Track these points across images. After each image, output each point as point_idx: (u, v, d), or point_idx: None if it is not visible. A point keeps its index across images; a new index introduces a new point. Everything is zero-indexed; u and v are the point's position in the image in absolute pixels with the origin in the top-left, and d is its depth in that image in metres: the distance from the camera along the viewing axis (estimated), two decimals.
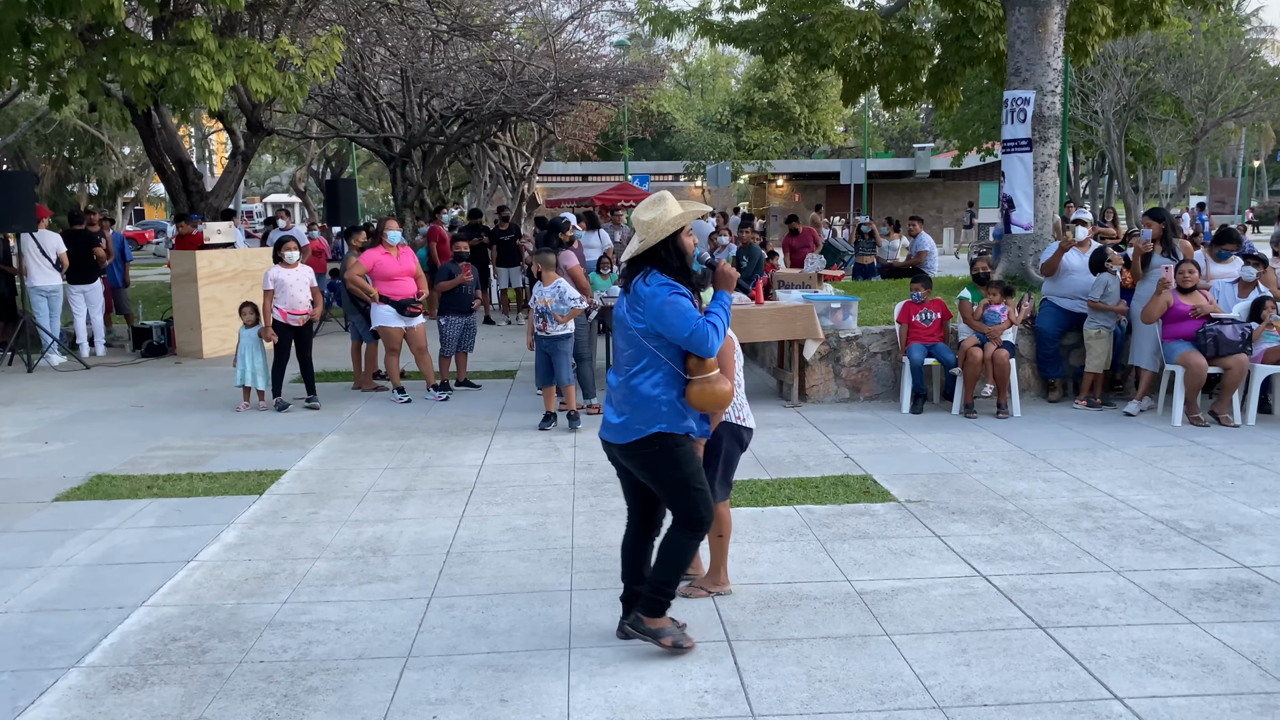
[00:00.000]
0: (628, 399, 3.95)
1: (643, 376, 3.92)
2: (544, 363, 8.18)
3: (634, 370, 3.94)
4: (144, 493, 6.43)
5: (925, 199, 41.65)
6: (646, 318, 3.87)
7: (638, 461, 3.97)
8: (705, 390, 3.91)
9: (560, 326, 8.09)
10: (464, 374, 10.08)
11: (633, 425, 3.92)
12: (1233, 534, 5.40)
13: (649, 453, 3.92)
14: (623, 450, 3.98)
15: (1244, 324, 8.07)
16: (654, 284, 3.87)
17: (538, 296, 8.17)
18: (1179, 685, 3.74)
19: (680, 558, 4.00)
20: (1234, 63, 29.08)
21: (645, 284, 3.90)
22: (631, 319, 3.94)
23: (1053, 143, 11.43)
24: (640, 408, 3.91)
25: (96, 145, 33.72)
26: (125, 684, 3.86)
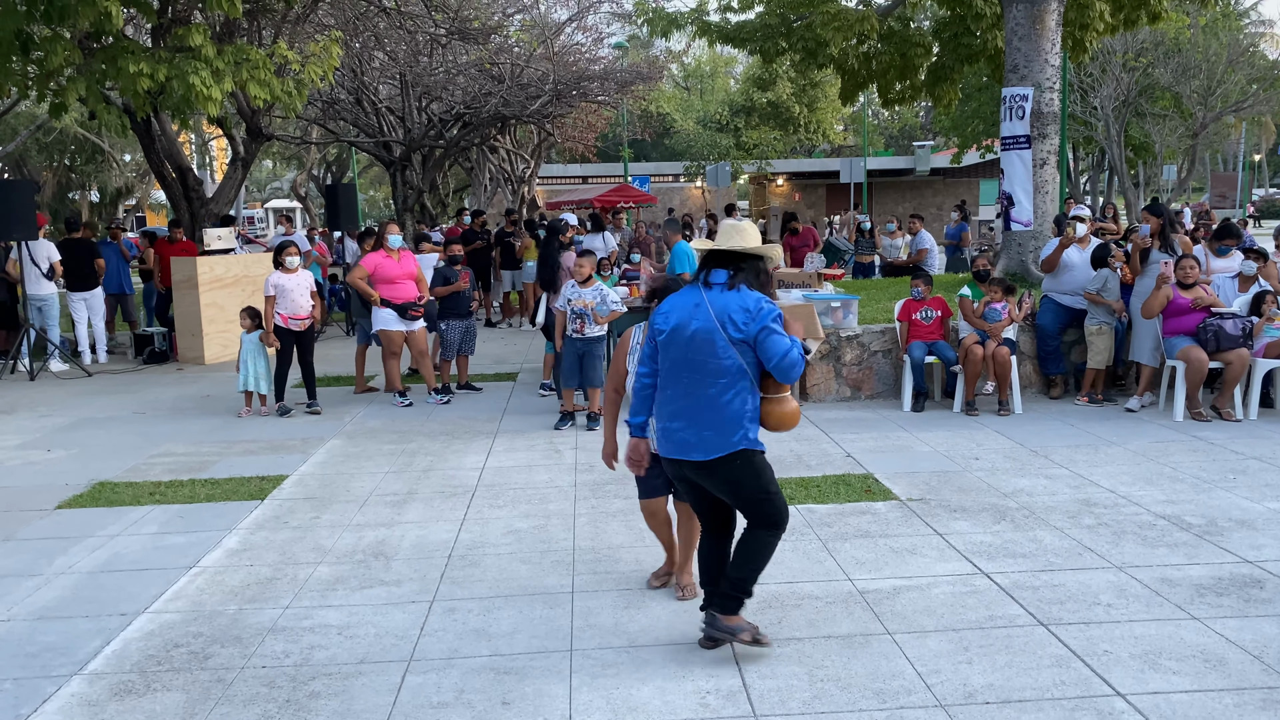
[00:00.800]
0: (710, 415, 3.85)
1: (739, 397, 3.85)
2: (575, 363, 8.15)
3: (727, 384, 3.84)
4: (146, 499, 6.44)
5: (925, 197, 41.65)
6: (753, 327, 3.81)
7: (720, 476, 3.91)
8: (784, 411, 3.96)
9: (598, 328, 8.11)
10: (465, 377, 10.08)
11: (718, 441, 3.85)
12: (1235, 529, 5.40)
13: (733, 467, 3.88)
14: (703, 466, 3.89)
15: (1245, 318, 8.06)
16: (759, 298, 3.86)
17: (575, 297, 8.11)
18: (1181, 681, 3.73)
19: (761, 556, 3.98)
20: (1233, 57, 29.03)
21: (745, 294, 3.85)
22: (732, 328, 3.80)
23: (1052, 139, 11.42)
24: (728, 423, 3.84)
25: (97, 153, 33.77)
26: (128, 691, 3.87)
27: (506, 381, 10.59)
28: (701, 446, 3.87)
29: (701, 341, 3.85)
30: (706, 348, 3.84)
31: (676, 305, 3.98)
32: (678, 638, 4.21)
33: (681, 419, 3.91)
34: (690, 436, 3.89)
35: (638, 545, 5.36)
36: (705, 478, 3.94)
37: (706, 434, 3.86)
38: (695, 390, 3.88)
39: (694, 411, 3.88)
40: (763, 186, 43.73)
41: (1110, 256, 8.69)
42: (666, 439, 3.98)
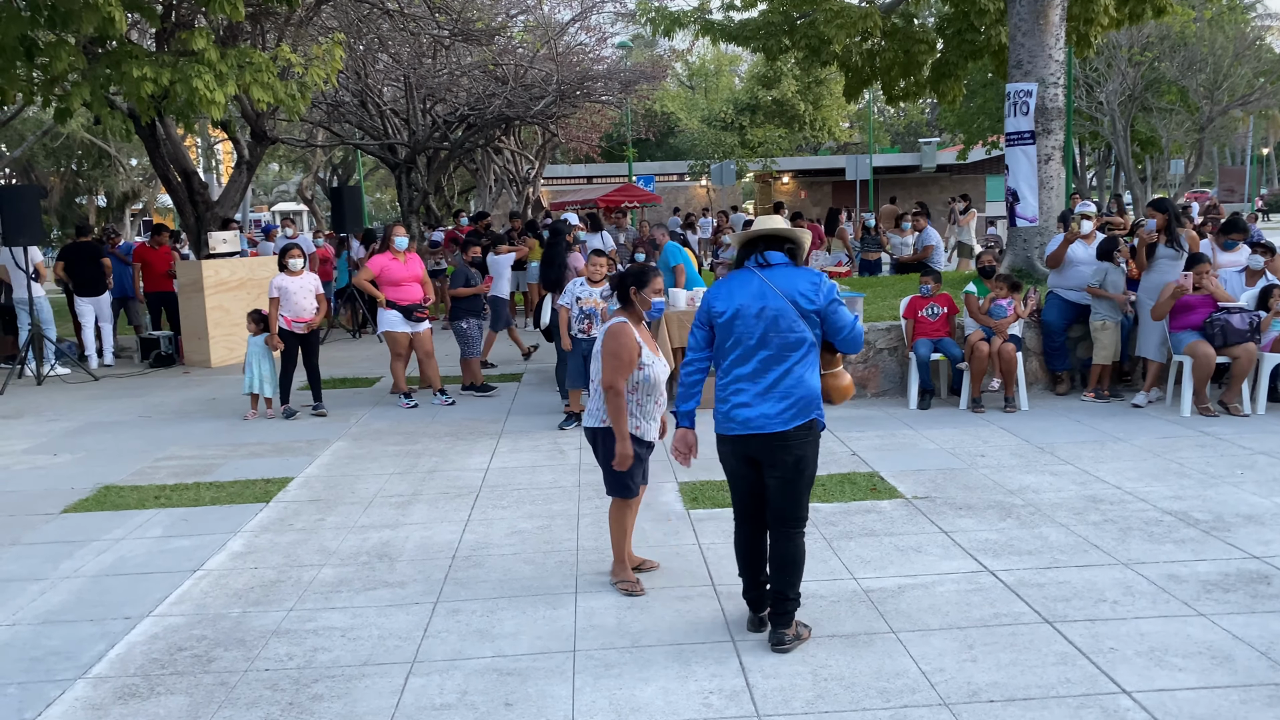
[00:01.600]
0: (788, 388, 3.97)
1: (807, 370, 4.00)
2: (580, 363, 8.03)
3: (797, 358, 3.98)
4: (151, 503, 6.45)
5: (931, 193, 41.48)
6: (820, 301, 3.98)
7: (794, 452, 4.00)
8: (843, 384, 4.28)
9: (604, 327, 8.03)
10: (470, 379, 10.09)
11: (793, 414, 3.97)
12: (1242, 524, 5.37)
13: (805, 439, 4.01)
14: (782, 439, 3.97)
15: (1252, 313, 8.02)
16: (820, 274, 4.05)
17: (584, 296, 8.00)
18: (1187, 678, 3.71)
19: (801, 562, 4.11)
20: (1239, 50, 28.89)
21: (808, 270, 4.04)
22: (800, 304, 3.95)
23: (1056, 135, 11.37)
24: (806, 399, 3.99)
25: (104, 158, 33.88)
26: (132, 694, 3.87)
27: (511, 382, 10.59)
28: (781, 418, 3.97)
29: (774, 318, 3.97)
30: (781, 323, 3.97)
31: (734, 288, 4.07)
32: (681, 638, 4.20)
33: (757, 396, 4.00)
34: (769, 409, 3.98)
35: (641, 545, 5.35)
36: (777, 452, 3.99)
37: (784, 405, 3.97)
38: (771, 366, 3.99)
39: (770, 386, 3.99)
40: (768, 184, 43.66)
41: (1116, 251, 8.65)
42: (734, 418, 4.04)
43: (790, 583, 4.07)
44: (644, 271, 4.75)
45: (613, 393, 4.53)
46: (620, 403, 4.53)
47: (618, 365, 4.54)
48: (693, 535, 5.49)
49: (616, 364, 4.54)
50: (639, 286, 4.69)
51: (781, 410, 3.97)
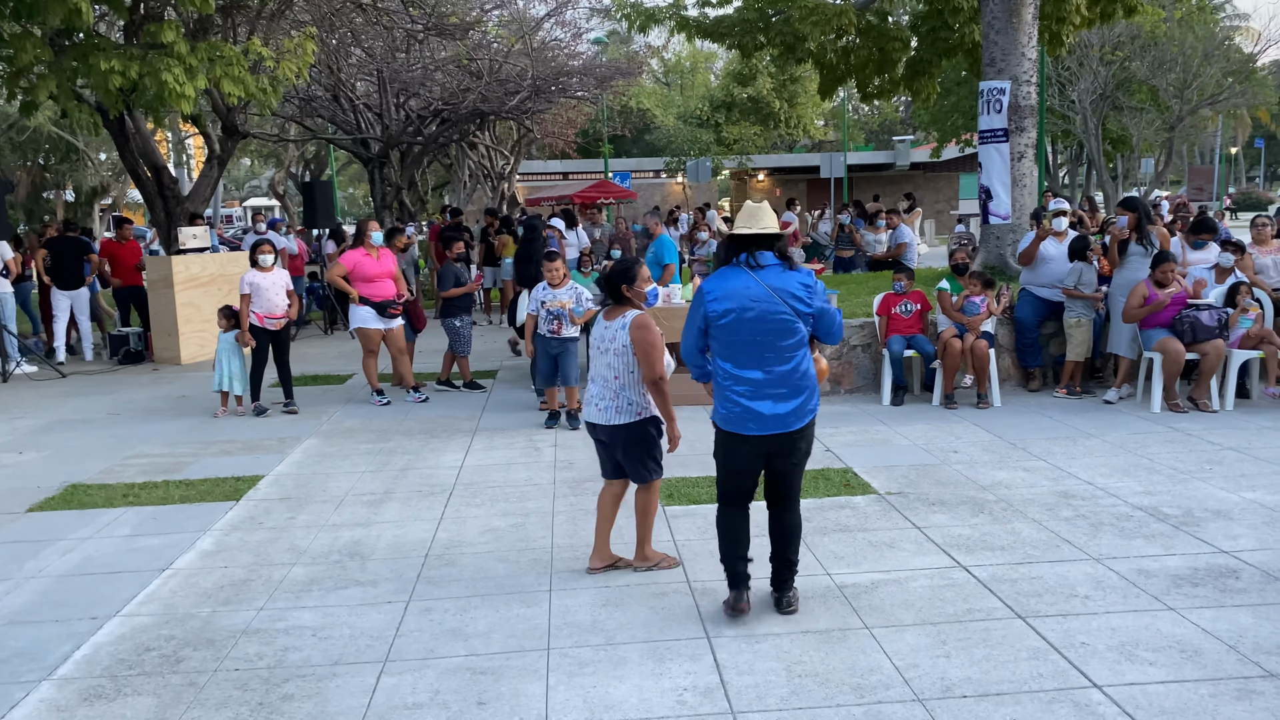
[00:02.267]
0: (797, 383, 4.17)
1: (808, 361, 4.23)
2: (549, 365, 8.02)
3: (800, 355, 4.18)
4: (119, 501, 6.37)
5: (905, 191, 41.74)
6: (815, 301, 4.17)
7: (803, 442, 4.25)
8: (822, 369, 4.50)
9: (573, 328, 7.99)
10: (447, 373, 10.05)
11: (806, 407, 4.21)
12: (1211, 519, 5.42)
13: (810, 429, 4.25)
14: (799, 434, 4.19)
15: (1220, 310, 8.11)
16: (808, 272, 4.22)
17: (549, 299, 7.93)
18: (1157, 672, 3.74)
19: (798, 534, 4.40)
20: (1209, 50, 29.20)
21: (798, 270, 4.19)
22: (796, 304, 4.11)
23: (1029, 132, 11.44)
24: (811, 389, 4.23)
25: (72, 152, 33.39)
26: (98, 696, 3.81)
27: (486, 379, 10.53)
28: (796, 415, 4.17)
29: (773, 320, 4.11)
30: (779, 325, 4.12)
31: (729, 289, 4.16)
32: (655, 635, 4.18)
33: (768, 398, 4.15)
34: (783, 408, 4.15)
35: (617, 543, 5.32)
36: (795, 443, 4.21)
37: (796, 402, 4.17)
38: (776, 365, 4.14)
39: (778, 386, 4.15)
40: (744, 182, 43.74)
41: (1089, 250, 8.71)
42: (751, 419, 4.17)
43: (794, 549, 4.37)
44: (627, 268, 4.81)
45: (662, 382, 4.66)
46: (667, 390, 4.68)
47: (655, 355, 4.65)
48: (668, 532, 5.48)
49: (654, 354, 4.65)
50: (629, 283, 4.79)
51: (795, 408, 4.17)
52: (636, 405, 4.73)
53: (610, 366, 4.74)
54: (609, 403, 4.74)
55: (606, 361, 4.75)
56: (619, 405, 4.72)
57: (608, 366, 4.74)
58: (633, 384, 4.72)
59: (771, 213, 4.25)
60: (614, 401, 4.73)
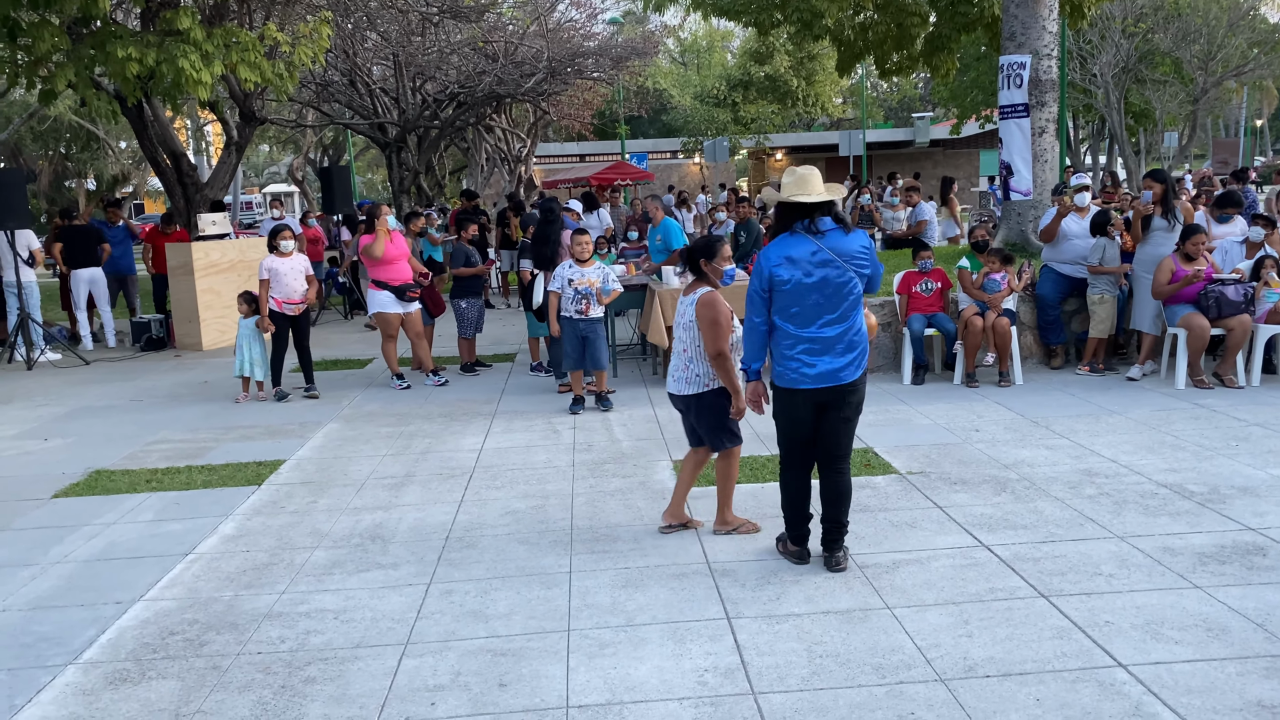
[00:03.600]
0: (851, 341, 4.45)
1: (860, 319, 4.49)
2: (577, 346, 7.92)
3: (857, 313, 4.46)
4: (142, 487, 6.42)
5: (925, 168, 41.33)
6: (870, 260, 4.44)
7: (858, 395, 4.52)
8: (873, 323, 4.83)
9: (600, 308, 7.93)
10: (473, 356, 10.08)
11: (860, 361, 4.48)
12: (1237, 496, 5.35)
13: (862, 383, 4.53)
14: (852, 388, 4.47)
15: (1247, 284, 7.99)
16: (865, 234, 4.49)
17: (576, 278, 7.86)
18: (1183, 650, 3.70)
19: (848, 494, 4.61)
20: (1233, 21, 28.73)
21: (856, 234, 4.45)
22: (857, 266, 4.40)
23: (1050, 107, 11.29)
24: (864, 345, 4.51)
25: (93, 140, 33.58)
26: (123, 679, 3.85)
27: (505, 362, 10.55)
28: (850, 369, 4.45)
29: (835, 283, 4.38)
30: (840, 287, 4.39)
31: (792, 255, 4.41)
32: (676, 616, 4.18)
33: (827, 353, 4.44)
34: (838, 363, 4.43)
35: (636, 524, 5.33)
36: (847, 396, 4.48)
37: (850, 357, 4.45)
38: (835, 324, 4.42)
39: (835, 343, 4.43)
40: (761, 161, 43.48)
41: (1110, 225, 8.60)
42: (808, 374, 4.45)
43: (843, 510, 4.58)
44: (711, 244, 5.04)
45: (722, 358, 4.83)
46: (729, 364, 4.85)
47: (720, 331, 4.82)
48: (687, 513, 5.46)
49: (719, 330, 4.82)
50: (709, 258, 4.96)
51: (849, 362, 4.45)
52: (704, 377, 4.98)
53: (681, 340, 5.05)
54: (681, 374, 5.05)
55: (679, 335, 5.06)
56: (688, 377, 5.02)
57: (679, 340, 5.06)
58: (700, 357, 4.97)
59: (819, 177, 4.48)
60: (685, 373, 5.03)
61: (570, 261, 7.97)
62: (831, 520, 4.60)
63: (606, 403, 8.09)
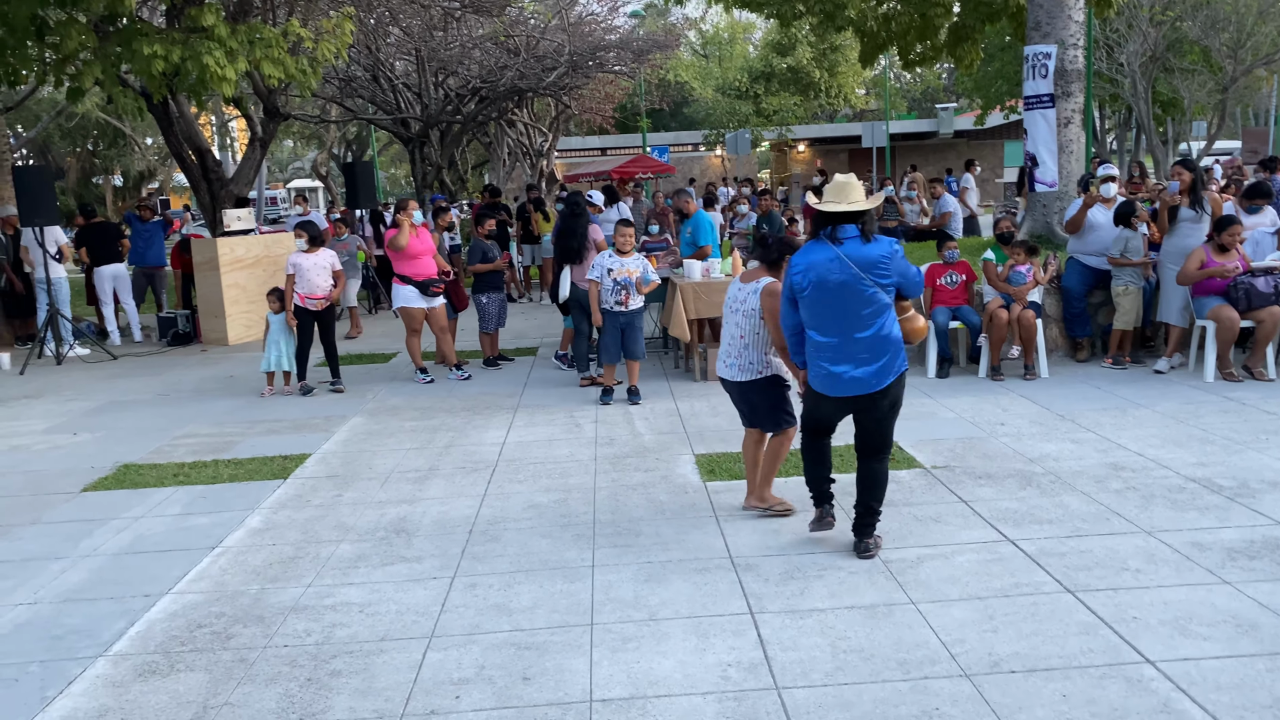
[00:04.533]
0: (880, 347, 4.48)
1: (890, 324, 4.51)
2: (617, 337, 8.02)
3: (881, 321, 4.47)
4: (170, 481, 6.48)
5: (949, 159, 41.06)
6: (894, 270, 4.46)
7: (889, 400, 4.55)
8: (917, 326, 4.76)
9: (640, 299, 8.03)
10: (496, 349, 10.12)
11: (890, 367, 4.51)
12: (1268, 491, 5.29)
13: (897, 387, 4.56)
14: (882, 393, 4.51)
15: (1277, 275, 7.88)
16: (890, 241, 4.51)
17: (616, 268, 7.95)
18: (1212, 647, 3.66)
19: (884, 483, 4.69)
20: (1264, 8, 28.27)
21: (878, 241, 4.47)
22: (876, 275, 4.42)
23: (1076, 97, 11.17)
24: (894, 351, 4.52)
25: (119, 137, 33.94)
26: (152, 672, 3.89)
27: (527, 356, 10.57)
28: (876, 378, 4.48)
29: (851, 291, 4.44)
30: (856, 295, 4.44)
31: (811, 262, 4.51)
32: (699, 611, 4.18)
33: (849, 361, 4.50)
34: (863, 372, 4.49)
35: (658, 518, 5.33)
36: (877, 402, 4.54)
37: (876, 366, 4.48)
38: (857, 331, 4.47)
39: (858, 351, 4.48)
40: (784, 153, 43.31)
41: (1134, 216, 8.50)
42: (834, 382, 4.55)
43: (876, 497, 4.65)
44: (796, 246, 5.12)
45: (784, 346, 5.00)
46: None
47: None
48: (710, 507, 5.47)
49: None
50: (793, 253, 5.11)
51: (875, 371, 4.48)
52: (757, 365, 5.16)
53: (738, 326, 5.18)
54: (734, 360, 5.21)
55: (735, 321, 5.19)
56: (741, 364, 5.18)
57: (735, 326, 5.19)
58: (756, 344, 5.14)
59: (860, 188, 4.55)
60: (738, 360, 5.19)
61: (610, 251, 8.05)
62: (864, 505, 4.67)
63: (636, 396, 8.10)
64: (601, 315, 8.02)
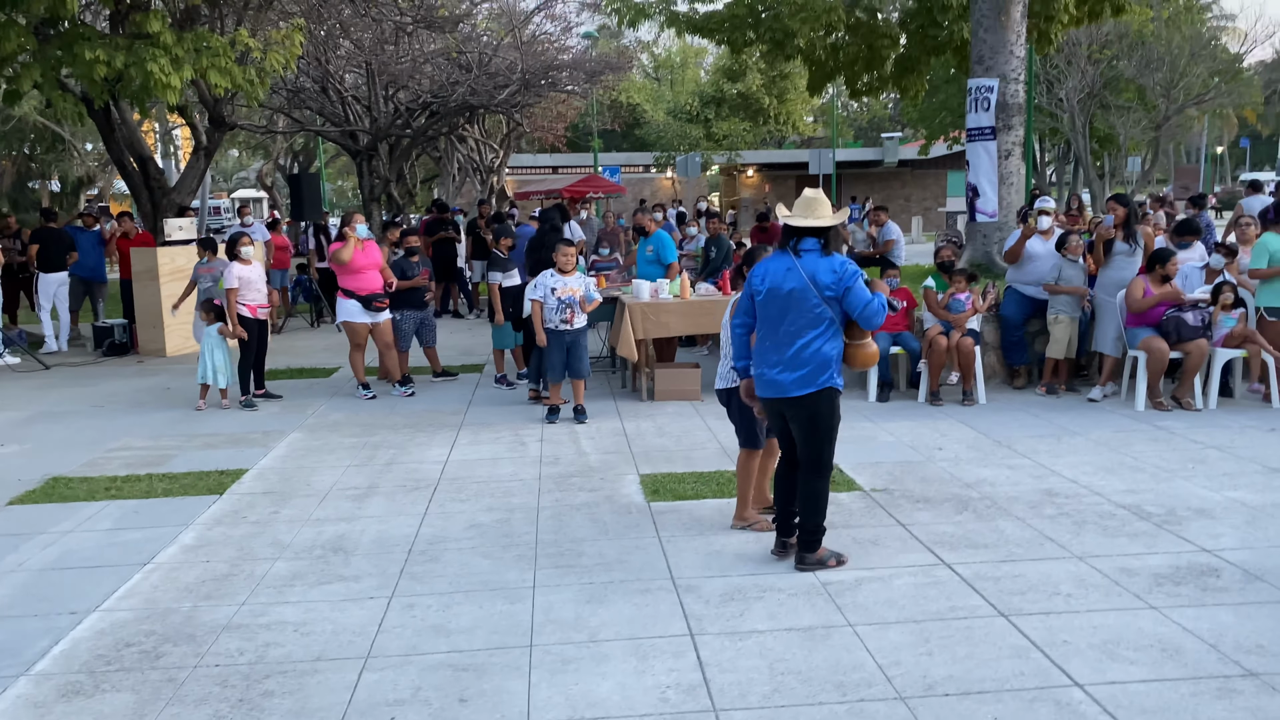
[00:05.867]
0: (806, 358, 4.64)
1: (824, 341, 4.64)
2: (562, 356, 8.03)
3: (815, 334, 4.63)
4: (101, 495, 6.32)
5: (894, 188, 41.81)
6: (841, 286, 4.59)
7: (807, 411, 4.71)
8: (865, 352, 4.81)
9: (583, 317, 8.05)
10: (438, 365, 10.03)
11: (811, 380, 4.65)
12: (1193, 518, 5.44)
13: (817, 401, 4.68)
14: (797, 402, 4.68)
15: (1204, 310, 8.14)
16: (844, 261, 4.64)
17: (559, 287, 7.97)
18: (1139, 671, 3.75)
19: (819, 501, 4.78)
20: (1195, 50, 29.31)
21: (832, 258, 4.64)
22: (823, 288, 4.59)
23: (1017, 131, 11.48)
24: (819, 366, 4.65)
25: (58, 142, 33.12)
26: (76, 692, 3.78)
27: (473, 373, 10.51)
28: (796, 385, 4.66)
29: (797, 300, 4.64)
30: (800, 304, 4.63)
31: (770, 269, 4.76)
32: (639, 632, 4.18)
33: (780, 364, 4.70)
34: (787, 377, 4.67)
35: (601, 539, 5.33)
36: (796, 410, 4.73)
37: (800, 373, 4.65)
38: (792, 339, 4.66)
39: (790, 356, 4.67)
40: (733, 177, 43.75)
41: (1064, 248, 8.70)
42: (764, 382, 4.78)
43: (807, 515, 4.78)
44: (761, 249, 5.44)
45: None
46: None
47: None
48: (653, 528, 5.48)
49: None
50: None
51: (794, 379, 4.66)
52: (728, 377, 5.39)
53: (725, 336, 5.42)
54: (728, 373, 5.41)
55: (727, 337, 5.35)
56: (722, 372, 5.47)
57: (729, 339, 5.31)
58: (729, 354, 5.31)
59: (827, 203, 4.74)
60: (721, 368, 5.49)
61: (553, 271, 8.04)
62: (799, 522, 4.82)
63: (582, 415, 8.10)
64: (546, 334, 8.02)
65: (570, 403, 8.31)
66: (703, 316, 8.79)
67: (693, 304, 8.81)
